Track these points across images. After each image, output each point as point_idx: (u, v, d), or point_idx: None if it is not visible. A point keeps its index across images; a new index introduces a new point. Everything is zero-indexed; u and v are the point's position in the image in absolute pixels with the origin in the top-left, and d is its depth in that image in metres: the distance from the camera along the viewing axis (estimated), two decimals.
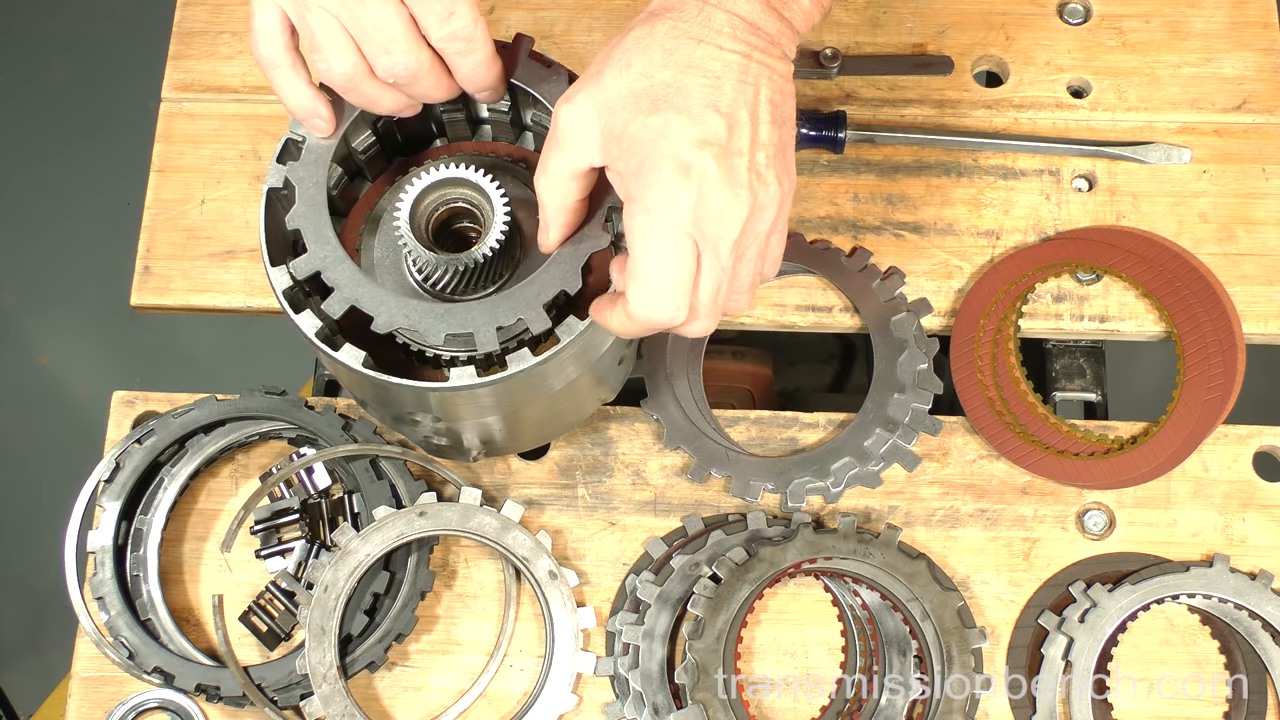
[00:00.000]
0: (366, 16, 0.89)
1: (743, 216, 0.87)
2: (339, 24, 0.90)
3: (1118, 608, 1.14)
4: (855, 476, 1.19)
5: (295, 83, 0.95)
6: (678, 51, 0.87)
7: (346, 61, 0.91)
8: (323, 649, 1.11)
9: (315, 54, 0.91)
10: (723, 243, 0.87)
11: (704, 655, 1.10)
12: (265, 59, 0.93)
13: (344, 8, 0.89)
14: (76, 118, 2.74)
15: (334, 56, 0.91)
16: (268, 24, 0.92)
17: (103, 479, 1.19)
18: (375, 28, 0.89)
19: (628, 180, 0.87)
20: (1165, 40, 1.33)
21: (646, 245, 0.86)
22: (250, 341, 2.45)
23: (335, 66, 0.91)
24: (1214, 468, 1.20)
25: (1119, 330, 1.25)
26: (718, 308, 0.91)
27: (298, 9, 0.90)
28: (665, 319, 0.88)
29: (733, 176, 0.86)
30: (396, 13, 0.89)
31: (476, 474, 1.21)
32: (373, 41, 0.90)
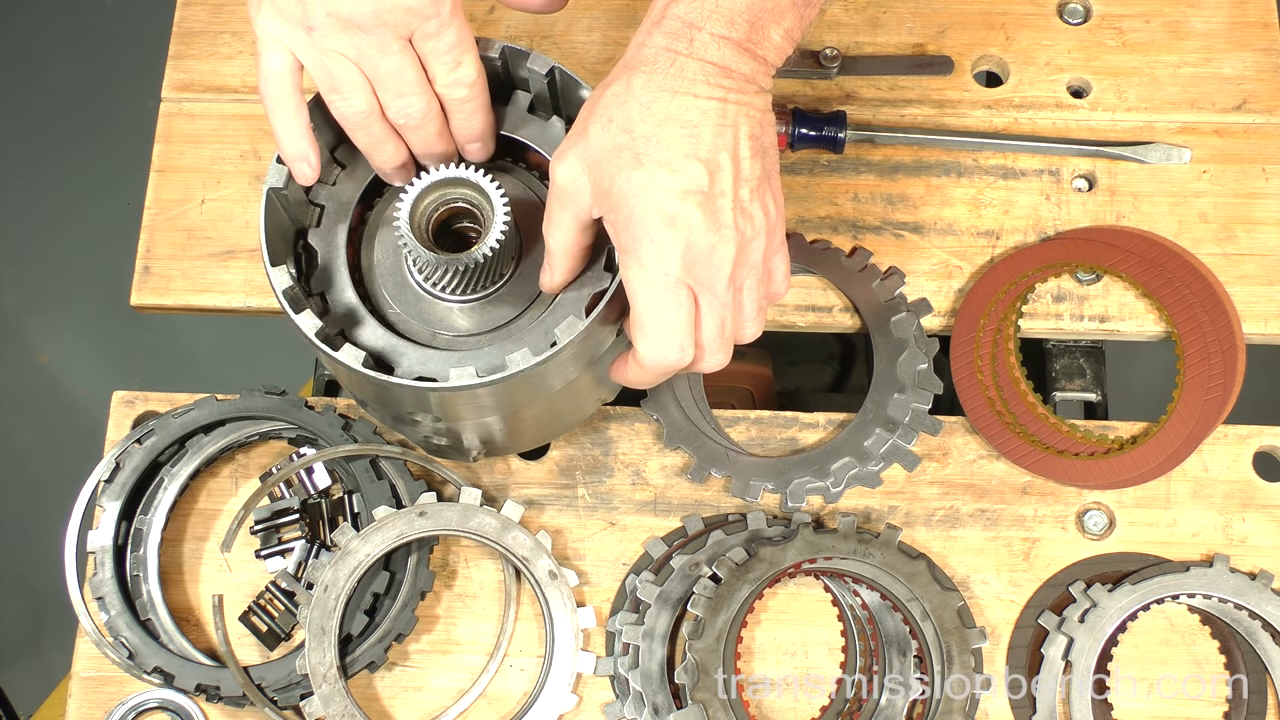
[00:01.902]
0: (386, 64, 0.96)
1: (732, 254, 0.91)
2: (358, 69, 0.96)
3: (1118, 608, 1.14)
4: (855, 476, 1.19)
5: (296, 125, 0.98)
6: (654, 105, 0.90)
7: (363, 101, 0.97)
8: (323, 649, 1.11)
9: (334, 95, 0.97)
10: (717, 282, 0.92)
11: (704, 655, 1.10)
12: (273, 98, 0.98)
13: (363, 56, 0.96)
14: (76, 118, 2.74)
15: (352, 96, 0.97)
16: (279, 64, 0.97)
17: (103, 479, 1.19)
18: (393, 74, 0.96)
19: (620, 232, 0.91)
20: (1165, 40, 1.33)
21: (644, 296, 0.91)
22: (250, 341, 2.45)
23: (354, 105, 0.97)
24: (1214, 468, 1.20)
25: (1119, 330, 1.25)
26: (725, 342, 0.95)
27: (318, 55, 0.96)
28: (672, 362, 0.93)
29: (717, 219, 0.90)
30: (413, 62, 0.96)
31: (476, 474, 1.21)
32: (388, 86, 0.96)
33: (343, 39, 0.95)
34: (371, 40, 0.95)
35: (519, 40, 1.30)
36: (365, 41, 0.95)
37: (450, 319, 1.01)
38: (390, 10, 0.94)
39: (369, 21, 0.94)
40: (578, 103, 1.01)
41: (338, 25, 0.95)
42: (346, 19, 0.94)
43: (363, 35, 0.95)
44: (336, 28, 0.95)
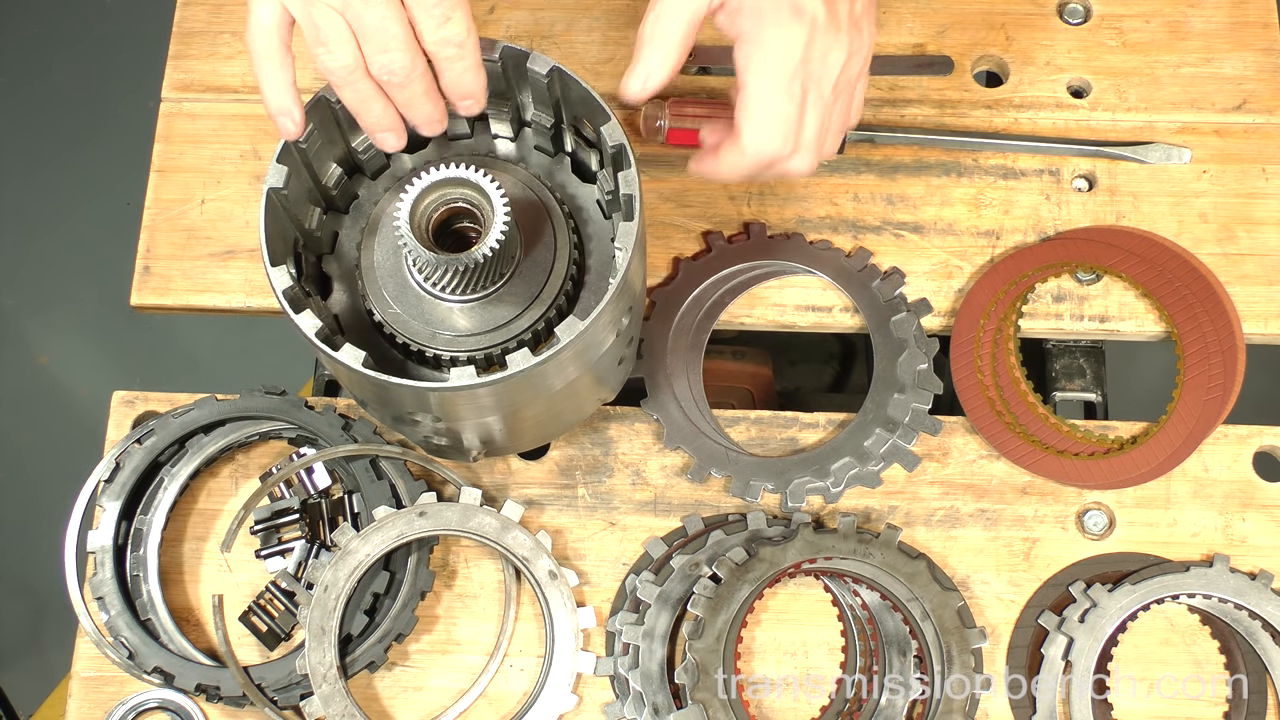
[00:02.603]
0: (370, 15, 0.92)
1: (842, 59, 0.97)
2: (344, 21, 0.93)
3: (1118, 608, 1.14)
4: (855, 476, 1.19)
5: (280, 79, 0.97)
6: None
7: (348, 54, 0.94)
8: (323, 649, 1.11)
9: (319, 47, 0.95)
10: (824, 82, 0.97)
11: (704, 655, 1.10)
12: (260, 51, 0.96)
13: (349, 7, 0.93)
14: (77, 118, 2.74)
15: (337, 49, 0.94)
16: (267, 17, 0.95)
17: (103, 479, 1.19)
18: (377, 27, 0.93)
19: (743, 17, 0.94)
20: (1165, 40, 1.33)
21: (761, 82, 0.95)
22: (250, 341, 2.45)
23: (338, 58, 0.95)
24: (1214, 468, 1.20)
25: (1119, 330, 1.25)
26: (819, 144, 1.00)
27: (304, 5, 0.93)
28: (775, 150, 0.97)
29: (837, 21, 0.96)
30: (398, 15, 0.93)
31: (476, 474, 1.21)
32: (372, 40, 0.94)
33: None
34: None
35: (519, 40, 1.31)
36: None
37: (450, 319, 1.01)
38: None
39: None
40: (578, 103, 1.01)
41: None
42: None
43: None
44: None
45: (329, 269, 1.08)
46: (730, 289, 1.25)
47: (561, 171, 1.09)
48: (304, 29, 0.95)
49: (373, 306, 1.02)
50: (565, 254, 1.02)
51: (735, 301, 1.25)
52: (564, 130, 1.07)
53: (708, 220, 1.28)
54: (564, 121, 1.05)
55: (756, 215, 1.28)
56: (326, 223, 1.08)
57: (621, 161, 0.98)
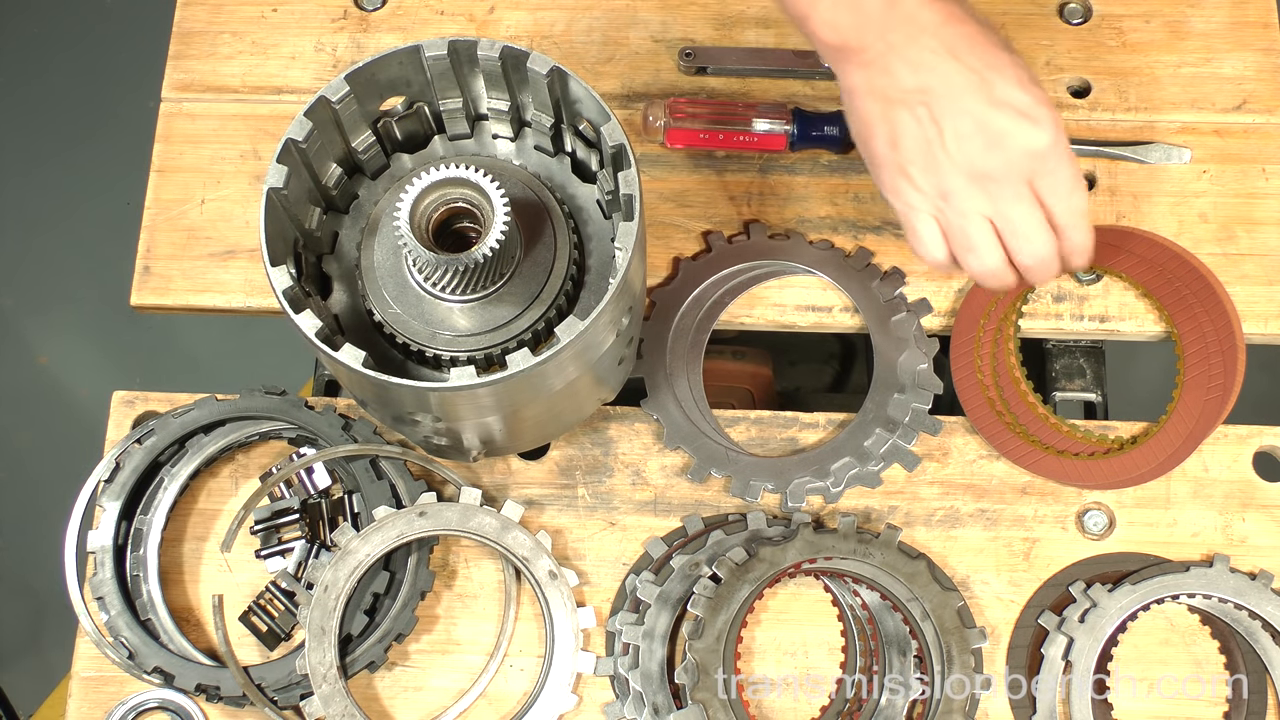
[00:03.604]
0: (1014, 210, 1.04)
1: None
2: (991, 226, 1.05)
3: (1118, 608, 1.14)
4: (855, 476, 1.19)
5: (959, 273, 1.13)
6: None
7: (997, 257, 1.06)
8: (323, 649, 1.11)
9: (969, 254, 1.07)
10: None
11: (704, 655, 1.10)
12: (940, 263, 1.09)
13: (996, 211, 1.04)
14: (76, 118, 2.74)
15: (987, 254, 1.06)
16: (933, 233, 1.07)
17: (103, 479, 1.19)
18: (1021, 218, 1.04)
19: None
20: (1165, 40, 1.33)
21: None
22: (250, 341, 2.45)
23: (989, 262, 1.06)
24: (1214, 468, 1.20)
25: (1119, 330, 1.25)
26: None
27: (957, 220, 1.05)
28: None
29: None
30: (1035, 203, 1.04)
31: (476, 474, 1.21)
32: (1018, 234, 1.05)
33: (976, 195, 1.03)
34: (1004, 191, 1.03)
35: (519, 40, 1.31)
36: (998, 193, 1.03)
37: (450, 319, 1.01)
38: (1020, 158, 1.01)
39: (1000, 172, 1.02)
40: (577, 103, 1.01)
41: (972, 183, 1.03)
42: (981, 174, 1.02)
43: (996, 187, 1.03)
44: (970, 185, 1.03)
45: (329, 269, 1.08)
46: (730, 289, 1.25)
47: (561, 171, 1.09)
48: (954, 239, 1.06)
49: (373, 306, 1.02)
50: (565, 254, 1.02)
51: (735, 301, 1.25)
52: (564, 130, 1.07)
53: (708, 220, 1.28)
54: (564, 121, 1.05)
55: (756, 215, 1.28)
56: (326, 223, 1.08)
57: (621, 161, 0.98)
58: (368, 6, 1.37)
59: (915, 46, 0.99)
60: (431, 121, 1.09)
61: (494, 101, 1.07)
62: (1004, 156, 1.01)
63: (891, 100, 1.01)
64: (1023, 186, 1.03)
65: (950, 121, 1.00)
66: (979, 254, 1.06)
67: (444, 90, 1.05)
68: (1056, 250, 1.07)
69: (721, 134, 1.28)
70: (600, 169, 1.05)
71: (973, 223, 1.04)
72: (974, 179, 1.02)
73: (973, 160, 1.01)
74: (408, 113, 1.07)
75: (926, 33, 0.99)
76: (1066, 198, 1.04)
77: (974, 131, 1.00)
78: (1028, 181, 1.03)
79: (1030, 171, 1.03)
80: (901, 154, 1.03)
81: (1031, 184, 1.03)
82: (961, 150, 1.01)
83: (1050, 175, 1.03)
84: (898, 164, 1.04)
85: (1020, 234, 1.05)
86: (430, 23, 1.36)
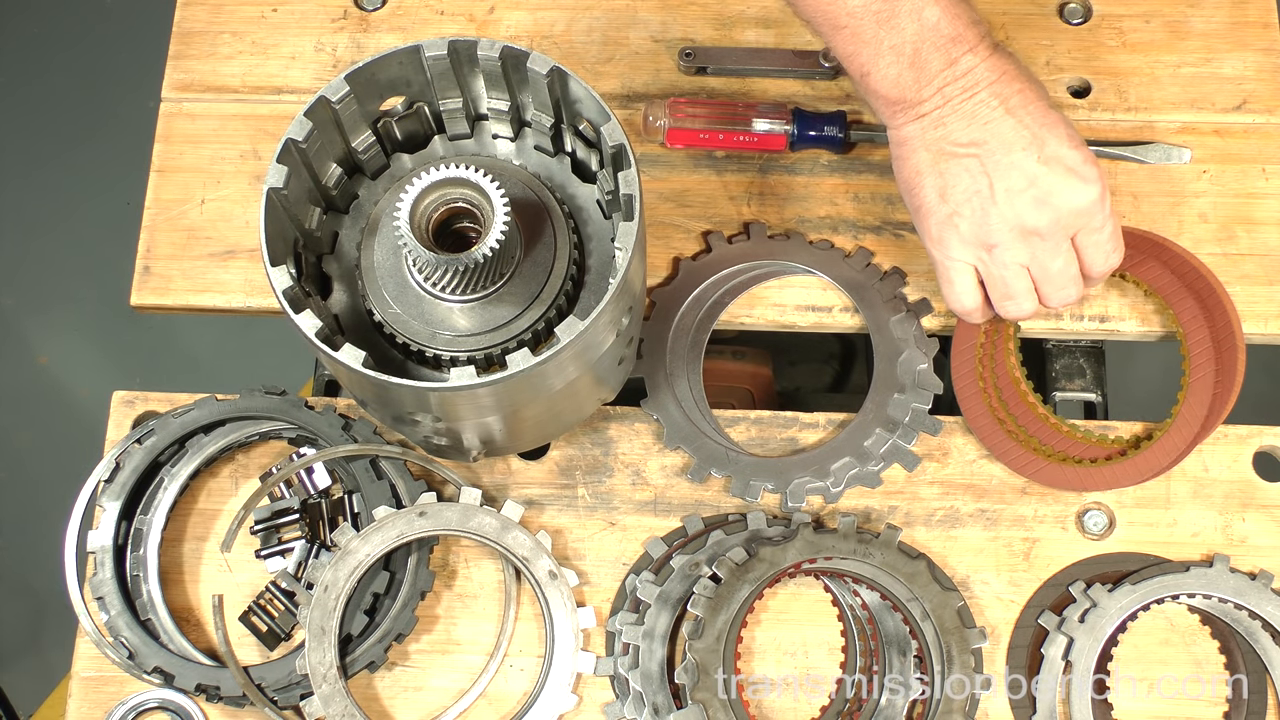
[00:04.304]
0: (1054, 264, 1.08)
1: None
2: (1028, 274, 1.09)
3: (1118, 608, 1.14)
4: (855, 476, 1.19)
5: (982, 318, 1.16)
6: None
7: (1031, 303, 1.11)
8: (323, 649, 1.11)
9: (1007, 301, 1.11)
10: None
11: (704, 655, 1.10)
12: (971, 312, 1.14)
13: (1035, 260, 1.08)
14: (76, 118, 2.73)
15: (1024, 300, 1.11)
16: (969, 283, 1.12)
17: (103, 479, 1.19)
18: (1059, 272, 1.09)
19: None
20: (1165, 40, 1.33)
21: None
22: (250, 341, 2.45)
23: (1025, 308, 1.12)
24: (1214, 468, 1.20)
25: (1119, 330, 1.25)
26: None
27: (997, 270, 1.09)
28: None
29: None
30: (1073, 258, 1.09)
31: (476, 474, 1.21)
32: (1053, 283, 1.10)
33: (1020, 248, 1.07)
34: (1047, 245, 1.07)
35: (519, 40, 1.31)
36: (1041, 247, 1.07)
37: (450, 319, 1.01)
38: (1068, 215, 1.05)
39: (1048, 229, 1.06)
40: (577, 103, 1.01)
41: (1018, 237, 1.07)
42: (1031, 230, 1.06)
43: (1040, 242, 1.07)
44: (1017, 240, 1.07)
45: (329, 269, 1.08)
46: (730, 289, 1.25)
47: (561, 171, 1.09)
48: (991, 286, 1.11)
49: (373, 306, 1.02)
50: (565, 254, 1.02)
51: (735, 301, 1.25)
52: (564, 130, 1.07)
53: (708, 220, 1.28)
54: (564, 121, 1.05)
55: (756, 215, 1.28)
56: (326, 223, 1.08)
57: (621, 161, 0.98)
58: (368, 6, 1.37)
59: (971, 102, 1.03)
60: (431, 121, 1.09)
61: (494, 101, 1.07)
62: (1052, 213, 1.05)
63: (944, 153, 1.05)
64: (1065, 242, 1.07)
65: (1002, 176, 1.04)
66: (1018, 303, 1.11)
67: (444, 90, 1.05)
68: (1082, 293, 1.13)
69: (721, 134, 1.28)
70: (600, 169, 1.05)
71: (1013, 273, 1.09)
72: (1021, 234, 1.06)
73: (1021, 215, 1.05)
74: (408, 113, 1.07)
75: (982, 88, 1.03)
76: (1105, 258, 1.10)
77: (1025, 187, 1.04)
78: (1072, 237, 1.08)
79: (1075, 227, 1.07)
80: (951, 205, 1.06)
81: (1075, 239, 1.08)
82: (1011, 205, 1.05)
83: (1095, 233, 1.08)
84: (946, 214, 1.07)
85: (1055, 284, 1.10)
86: (430, 23, 1.36)
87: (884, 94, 1.05)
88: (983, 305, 1.13)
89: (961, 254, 1.09)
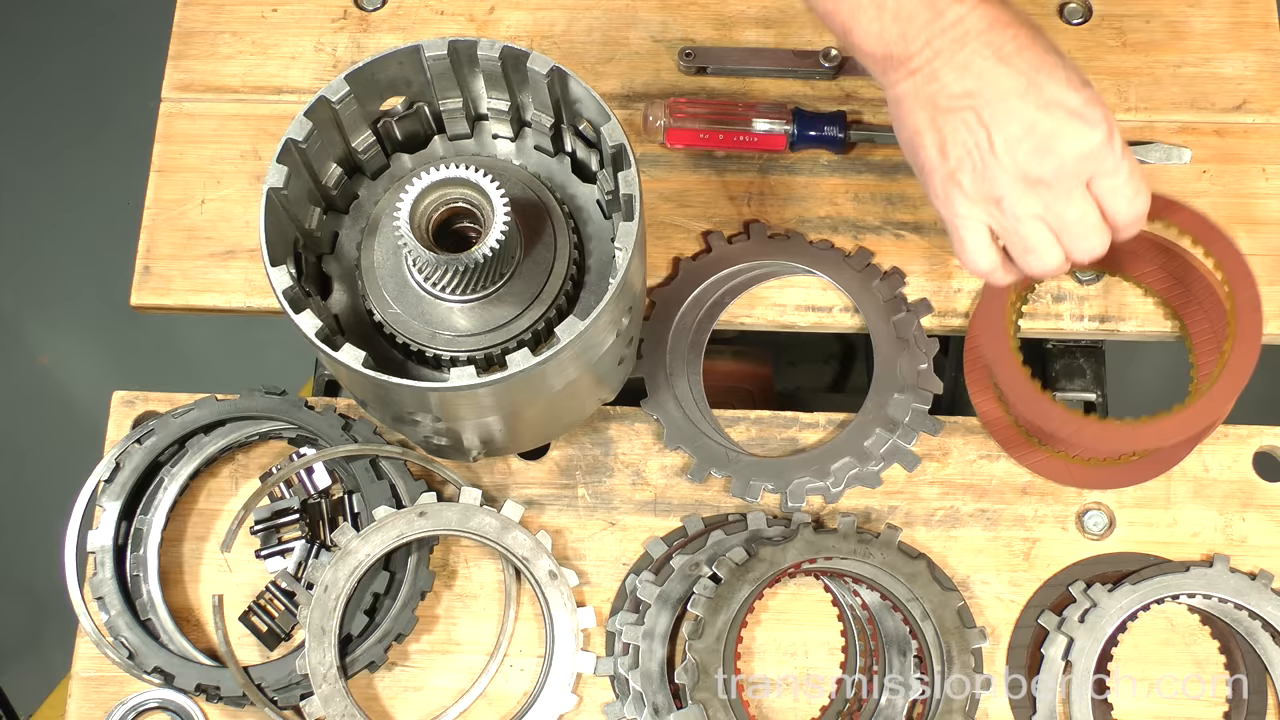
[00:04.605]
0: (1069, 213, 1.02)
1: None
2: (1046, 226, 1.03)
3: (1118, 608, 1.14)
4: (855, 476, 1.19)
5: (1007, 278, 1.08)
6: None
7: (1057, 256, 1.04)
8: (323, 649, 1.11)
9: (1028, 255, 1.04)
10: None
11: (704, 655, 1.10)
12: (991, 272, 1.07)
13: (1049, 210, 1.02)
14: (76, 118, 2.73)
15: (1047, 255, 1.04)
16: (982, 242, 1.05)
17: (103, 479, 1.19)
18: (1076, 220, 1.02)
19: None
20: (1165, 40, 1.33)
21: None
22: (250, 341, 2.45)
23: (1049, 262, 1.04)
24: (1214, 468, 1.20)
25: (1119, 330, 1.25)
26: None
27: (1010, 223, 1.03)
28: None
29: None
30: (1092, 205, 1.02)
31: (476, 474, 1.21)
32: (1073, 234, 1.03)
33: (1029, 199, 1.01)
34: (1057, 194, 1.01)
35: (519, 40, 1.31)
36: (1051, 196, 1.01)
37: (450, 319, 1.01)
38: (1073, 161, 0.99)
39: (1054, 177, 1.00)
40: (578, 103, 1.01)
41: (1025, 188, 1.01)
42: (1036, 179, 1.00)
43: (1049, 191, 1.01)
44: (1023, 190, 1.01)
45: (329, 269, 1.08)
46: (730, 289, 1.25)
47: (561, 171, 1.09)
48: (1011, 244, 1.04)
49: (373, 306, 1.02)
50: (565, 254, 1.02)
51: (735, 301, 1.25)
52: (564, 130, 1.07)
53: (708, 220, 1.28)
54: (564, 121, 1.05)
55: (756, 215, 1.28)
56: (326, 223, 1.08)
57: (621, 161, 0.98)
58: (368, 6, 1.37)
59: (963, 52, 0.99)
60: (431, 121, 1.09)
61: (494, 101, 1.07)
62: (1056, 160, 1.00)
63: (939, 107, 1.00)
64: (1078, 189, 1.01)
65: (999, 126, 0.99)
66: (1039, 255, 1.04)
67: (444, 90, 1.05)
68: (1108, 243, 1.05)
69: (721, 134, 1.28)
70: (600, 169, 1.05)
71: (1028, 225, 1.03)
72: (1027, 184, 1.01)
73: (1023, 165, 1.00)
74: (408, 113, 1.07)
75: (973, 37, 0.98)
76: (1128, 203, 1.03)
77: (1024, 135, 0.99)
78: (1085, 183, 1.01)
79: (1086, 173, 1.01)
80: (951, 161, 1.02)
81: (1090, 185, 1.02)
82: (1011, 155, 1.00)
83: (1110, 177, 1.01)
84: (948, 171, 1.02)
85: (1075, 234, 1.03)
86: (430, 23, 1.36)
87: (870, 51, 1.01)
88: (1003, 262, 1.07)
89: (969, 211, 1.03)
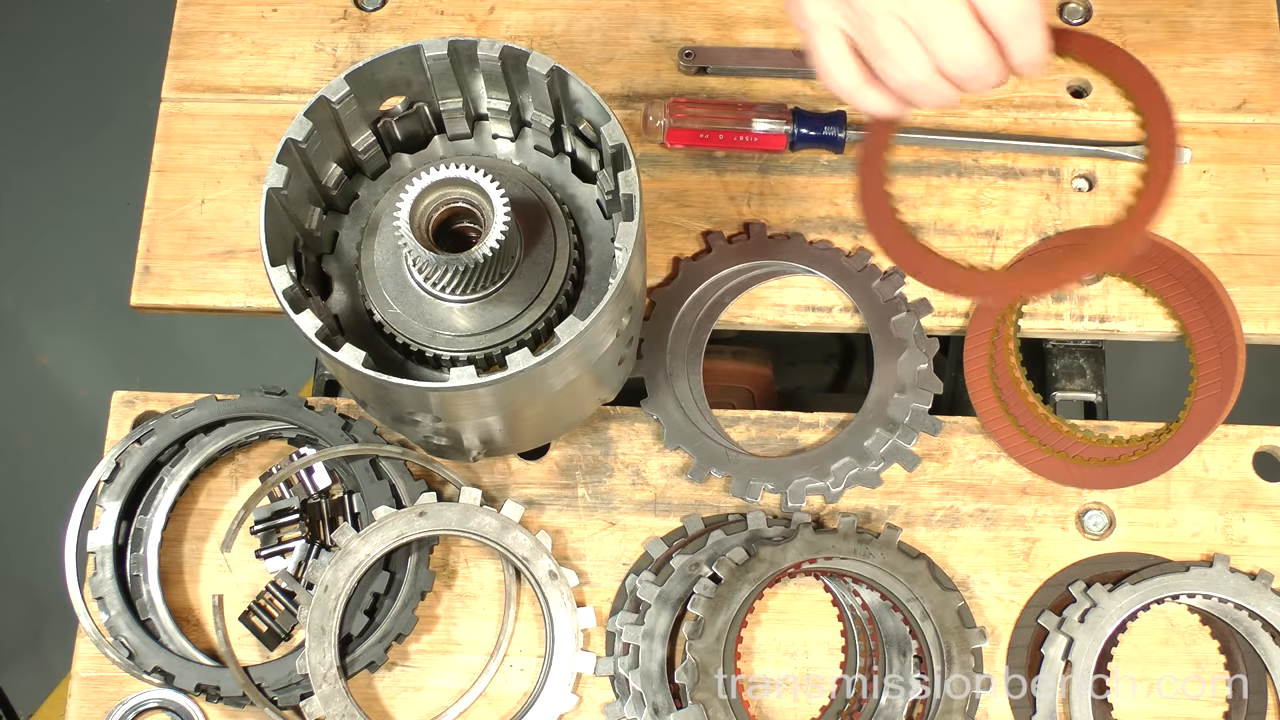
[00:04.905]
0: (927, 10, 0.85)
1: None
2: (906, 27, 0.87)
3: (1118, 608, 1.14)
4: (855, 476, 1.19)
5: (879, 99, 0.92)
6: None
7: (919, 63, 0.88)
8: (323, 649, 1.11)
9: (884, 60, 0.88)
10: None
11: (704, 655, 1.10)
12: (854, 90, 0.92)
13: (908, 9, 0.86)
14: (76, 118, 2.73)
15: (907, 60, 0.88)
16: (837, 50, 0.90)
17: (103, 479, 1.19)
18: (938, 17, 0.86)
19: None
20: (1165, 40, 1.33)
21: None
22: (250, 341, 2.45)
23: (911, 71, 0.88)
24: (1214, 468, 1.20)
25: (1119, 330, 1.25)
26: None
27: (862, 22, 0.88)
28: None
29: None
30: (959, 7, 0.85)
31: (476, 474, 1.21)
32: (936, 34, 0.86)
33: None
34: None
35: (519, 40, 1.31)
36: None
37: (450, 319, 1.01)
38: None
39: None
40: (577, 103, 1.01)
41: None
42: None
43: None
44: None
45: (329, 269, 1.08)
46: (730, 289, 1.25)
47: (561, 171, 1.09)
48: (866, 48, 0.89)
49: (373, 306, 1.02)
50: (565, 254, 1.02)
51: (735, 301, 1.25)
52: (564, 130, 1.07)
53: (708, 220, 1.28)
54: (564, 121, 1.05)
55: (756, 215, 1.28)
56: (326, 223, 1.08)
57: (621, 161, 0.98)
58: (368, 6, 1.37)
59: None
60: (431, 121, 1.09)
61: (494, 101, 1.07)
62: None
63: None
64: None
65: None
66: (896, 60, 0.87)
67: (444, 90, 1.05)
68: (994, 56, 0.88)
69: (721, 134, 1.28)
70: (600, 169, 1.05)
71: (881, 23, 0.87)
72: None
73: None
74: (408, 113, 1.07)
75: None
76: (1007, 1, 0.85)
77: None
78: None
79: None
80: None
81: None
82: None
83: None
84: None
85: (940, 35, 0.86)
86: (430, 23, 1.36)
87: None
88: (867, 77, 0.91)
89: (819, 14, 0.89)
